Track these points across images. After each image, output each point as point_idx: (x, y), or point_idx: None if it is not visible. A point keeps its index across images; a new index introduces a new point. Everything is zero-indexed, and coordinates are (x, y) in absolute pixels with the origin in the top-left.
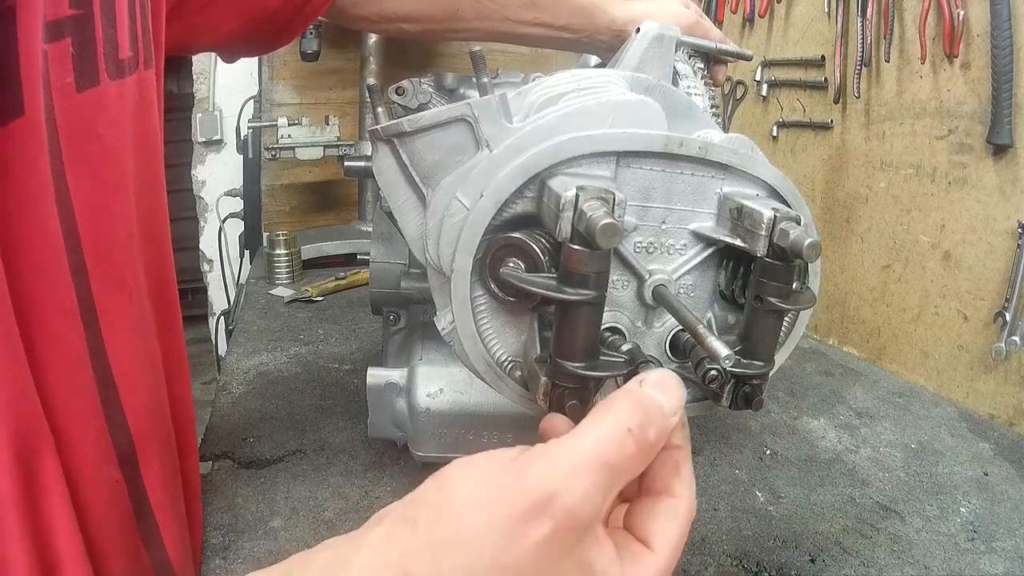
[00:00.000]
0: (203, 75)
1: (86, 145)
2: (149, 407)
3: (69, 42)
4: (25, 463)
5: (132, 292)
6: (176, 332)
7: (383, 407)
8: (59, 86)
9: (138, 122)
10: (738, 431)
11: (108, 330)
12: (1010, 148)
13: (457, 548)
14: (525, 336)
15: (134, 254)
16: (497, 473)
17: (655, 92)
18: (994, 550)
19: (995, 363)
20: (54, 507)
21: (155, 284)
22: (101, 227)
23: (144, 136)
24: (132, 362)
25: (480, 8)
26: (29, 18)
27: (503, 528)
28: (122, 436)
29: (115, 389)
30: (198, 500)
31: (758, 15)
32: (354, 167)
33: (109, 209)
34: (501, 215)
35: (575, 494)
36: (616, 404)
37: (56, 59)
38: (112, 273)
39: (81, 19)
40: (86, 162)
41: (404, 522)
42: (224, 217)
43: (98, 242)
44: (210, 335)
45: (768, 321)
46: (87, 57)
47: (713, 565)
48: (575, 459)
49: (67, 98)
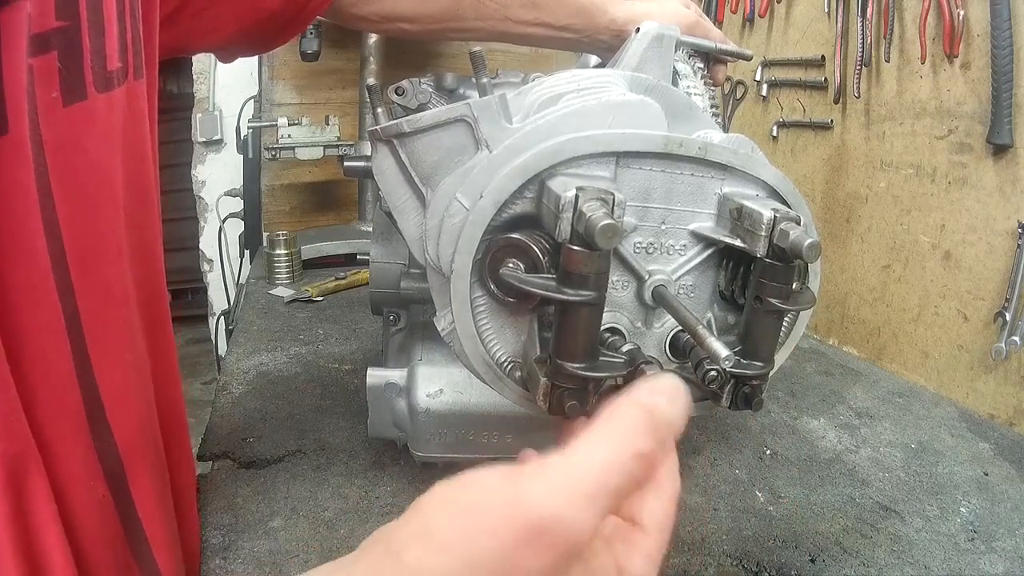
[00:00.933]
0: (203, 75)
1: (73, 160)
2: (138, 422)
3: (55, 56)
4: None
5: (120, 306)
6: (167, 343)
7: (383, 407)
8: (45, 101)
9: (128, 134)
10: (738, 431)
11: (95, 346)
12: (1010, 148)
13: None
14: (525, 336)
15: (123, 268)
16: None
17: (655, 92)
18: (994, 550)
19: (995, 363)
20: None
21: (145, 296)
22: (88, 243)
23: (134, 147)
24: (120, 378)
25: (480, 8)
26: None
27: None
28: (109, 452)
29: (102, 406)
30: (194, 509)
31: (758, 15)
32: (354, 167)
33: (97, 224)
34: (501, 215)
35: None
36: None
37: (42, 74)
38: (99, 289)
39: (68, 31)
40: (73, 178)
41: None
42: (224, 217)
43: (85, 258)
44: (210, 335)
45: (768, 321)
46: (74, 70)
47: (713, 565)
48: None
49: (53, 113)
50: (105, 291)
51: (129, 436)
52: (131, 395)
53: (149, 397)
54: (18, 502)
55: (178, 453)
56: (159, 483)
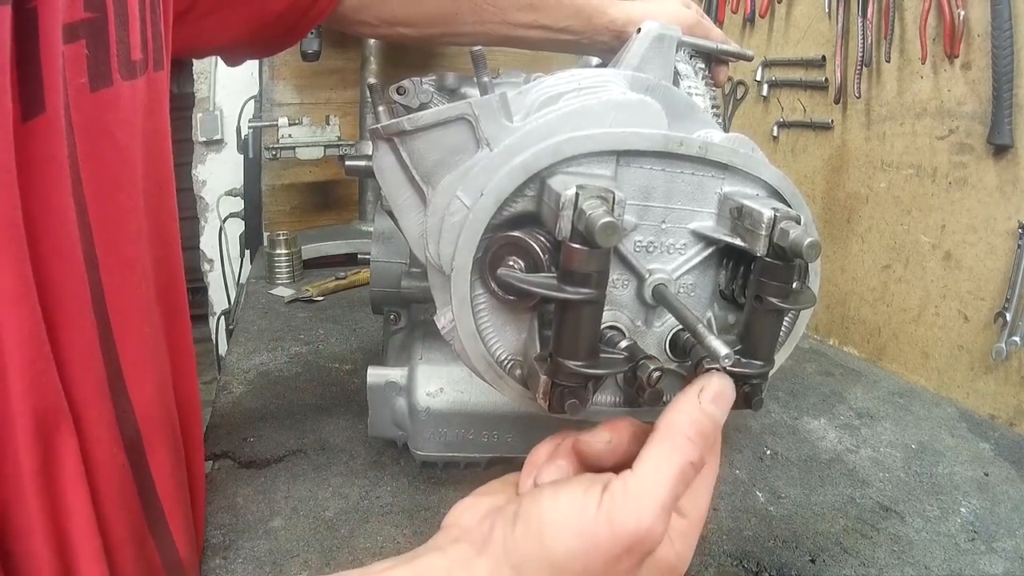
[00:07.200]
0: (203, 75)
1: (99, 142)
2: (155, 396)
3: (84, 44)
4: (44, 439)
5: (140, 286)
6: (184, 331)
7: (383, 406)
8: (75, 86)
9: (148, 122)
10: (738, 431)
11: (117, 320)
12: (1010, 148)
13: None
14: (525, 335)
15: (142, 248)
16: (591, 524)
17: (656, 92)
18: (994, 550)
19: (995, 363)
20: (69, 483)
21: (163, 281)
22: (111, 220)
23: (153, 136)
24: (139, 353)
25: (479, 12)
26: (50, 19)
27: (602, 571)
28: (128, 422)
29: (122, 376)
30: (202, 500)
31: (759, 15)
32: (355, 166)
33: (119, 203)
34: (501, 214)
35: (657, 535)
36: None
37: (72, 60)
38: (122, 266)
39: (95, 22)
40: (99, 158)
41: (511, 569)
42: (224, 217)
43: (109, 234)
44: (210, 335)
45: (768, 321)
46: (101, 59)
47: (713, 565)
48: (656, 503)
49: (82, 97)
50: (126, 267)
51: (147, 410)
52: (149, 369)
53: (166, 375)
54: (47, 458)
55: (192, 440)
56: (174, 459)
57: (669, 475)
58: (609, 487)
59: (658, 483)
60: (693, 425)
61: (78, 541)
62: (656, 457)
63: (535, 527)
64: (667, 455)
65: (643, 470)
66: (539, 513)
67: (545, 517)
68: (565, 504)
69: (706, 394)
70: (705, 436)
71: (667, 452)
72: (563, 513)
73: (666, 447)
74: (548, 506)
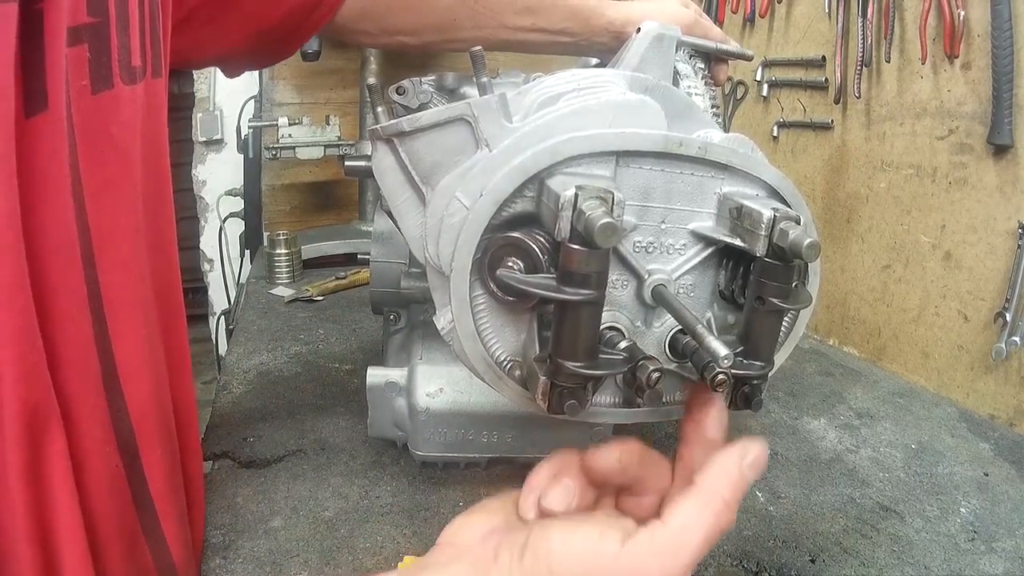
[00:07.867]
0: (203, 75)
1: (99, 143)
2: (150, 397)
3: (86, 47)
4: (33, 436)
5: (137, 286)
6: (180, 334)
7: (383, 407)
8: (76, 87)
9: (147, 126)
10: (738, 431)
11: (113, 320)
12: (1010, 148)
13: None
14: (524, 335)
15: (140, 249)
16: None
17: (655, 92)
18: (994, 550)
19: (995, 363)
20: (57, 482)
21: (160, 282)
22: (110, 222)
23: (152, 140)
24: (135, 354)
25: (477, 18)
26: (55, 21)
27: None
28: (123, 424)
29: (117, 376)
30: (201, 501)
31: (758, 15)
32: (355, 167)
33: (117, 204)
34: (500, 214)
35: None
36: (720, 496)
37: (74, 62)
38: (119, 265)
39: (98, 27)
40: (98, 159)
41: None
42: (224, 217)
43: (106, 236)
44: (210, 335)
45: (768, 321)
46: (102, 62)
47: (713, 565)
48: (684, 559)
49: (83, 99)
50: (123, 267)
51: (142, 410)
52: (145, 370)
53: (162, 377)
54: (35, 456)
55: (189, 442)
56: (170, 460)
57: (701, 534)
58: (635, 536)
59: (690, 540)
60: (732, 489)
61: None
62: (691, 513)
63: (544, 562)
64: (702, 512)
65: (675, 523)
66: (549, 548)
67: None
68: (580, 544)
69: (747, 459)
70: (739, 501)
71: (702, 509)
72: (577, 552)
73: (702, 504)
74: (560, 542)
